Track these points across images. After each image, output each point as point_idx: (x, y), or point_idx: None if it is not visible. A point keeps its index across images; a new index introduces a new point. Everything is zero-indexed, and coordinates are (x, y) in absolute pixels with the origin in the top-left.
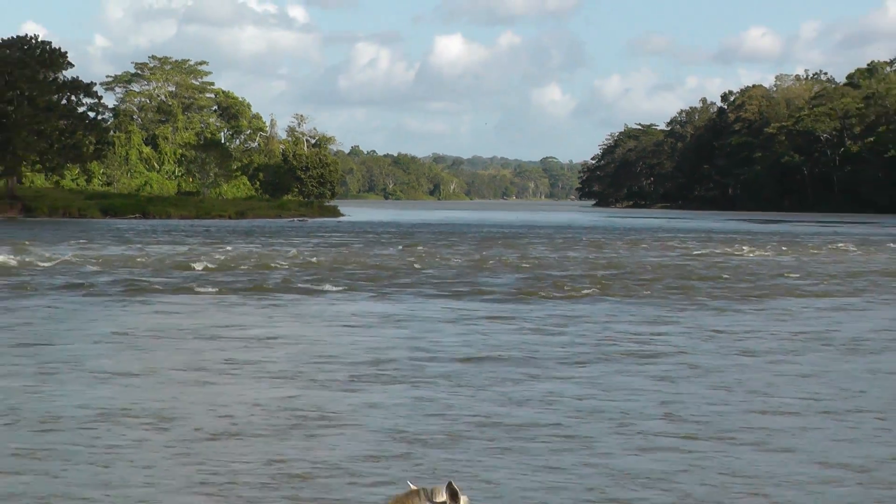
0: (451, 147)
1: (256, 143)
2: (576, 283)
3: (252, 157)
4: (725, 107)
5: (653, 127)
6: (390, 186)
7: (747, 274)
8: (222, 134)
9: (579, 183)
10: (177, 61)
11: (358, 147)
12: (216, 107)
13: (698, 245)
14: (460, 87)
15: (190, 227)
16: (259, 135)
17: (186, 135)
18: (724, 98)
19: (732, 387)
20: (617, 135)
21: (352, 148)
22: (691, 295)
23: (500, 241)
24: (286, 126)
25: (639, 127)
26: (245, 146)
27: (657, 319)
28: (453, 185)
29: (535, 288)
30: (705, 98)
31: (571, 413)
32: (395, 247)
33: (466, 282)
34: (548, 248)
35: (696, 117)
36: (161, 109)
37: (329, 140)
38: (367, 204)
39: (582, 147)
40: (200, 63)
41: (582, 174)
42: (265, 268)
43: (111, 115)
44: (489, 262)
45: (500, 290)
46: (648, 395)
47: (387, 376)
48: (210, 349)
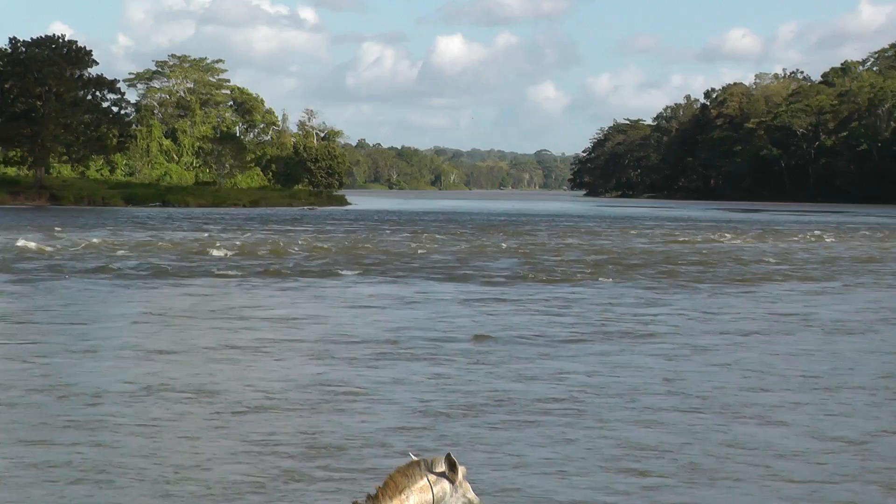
0: (451, 140)
1: (269, 137)
2: (573, 267)
3: (265, 150)
4: (708, 103)
5: (640, 122)
6: (394, 177)
7: (731, 260)
8: (237, 128)
9: (571, 174)
10: (195, 59)
11: (364, 140)
12: (232, 102)
13: (683, 233)
14: (460, 83)
15: (207, 214)
16: (272, 129)
17: (204, 128)
18: (707, 95)
19: (729, 364)
20: (606, 129)
21: (358, 141)
22: (681, 279)
23: (500, 228)
24: (297, 120)
25: (627, 122)
26: (258, 139)
27: (653, 302)
28: (453, 175)
29: (535, 272)
30: (689, 95)
31: (581, 389)
32: (401, 233)
33: (471, 266)
34: (544, 234)
35: (681, 113)
36: (180, 105)
37: (337, 133)
38: (372, 193)
39: (574, 140)
40: (217, 61)
41: (574, 166)
42: (282, 253)
43: (133, 109)
44: (491, 248)
45: (504, 274)
46: (651, 372)
47: (408, 354)
48: (240, 328)
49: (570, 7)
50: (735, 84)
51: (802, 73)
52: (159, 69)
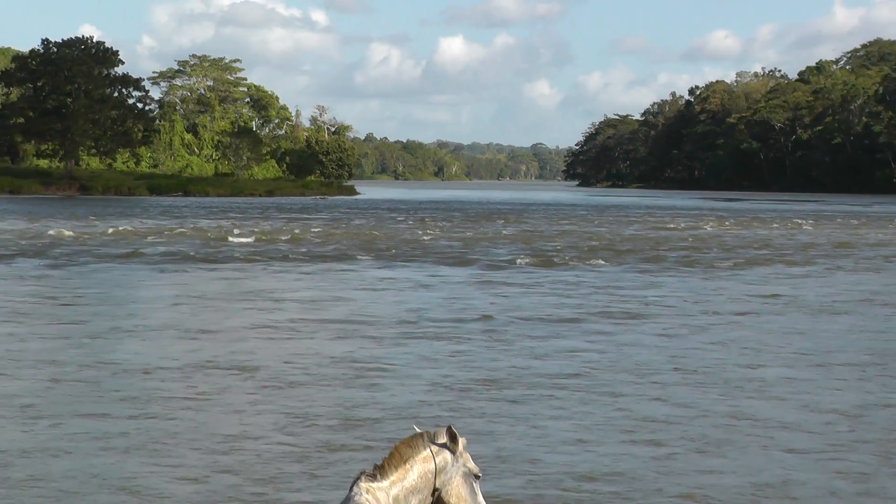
0: (453, 134)
1: (283, 131)
2: (570, 253)
3: (279, 143)
4: (692, 100)
5: (629, 117)
6: (400, 169)
7: (717, 245)
8: (254, 123)
9: (565, 166)
10: (214, 59)
11: (372, 134)
12: (248, 99)
13: (671, 220)
14: (461, 81)
15: (226, 203)
16: (286, 123)
17: (222, 123)
18: (691, 92)
19: (726, 343)
20: (598, 124)
21: (366, 135)
22: (673, 263)
23: (500, 216)
24: (309, 116)
25: (617, 117)
26: (273, 133)
27: (650, 284)
28: (455, 167)
29: (538, 257)
30: (674, 92)
31: (591, 365)
32: (408, 221)
33: (477, 252)
34: (542, 222)
35: (667, 109)
36: (200, 101)
37: (347, 128)
38: (379, 184)
39: (567, 134)
40: (235, 61)
41: (567, 158)
42: (300, 240)
43: (157, 106)
44: (494, 234)
45: (508, 258)
46: (656, 350)
47: (430, 333)
48: (271, 309)
49: (563, 10)
50: (717, 82)
51: (780, 71)
52: (181, 68)
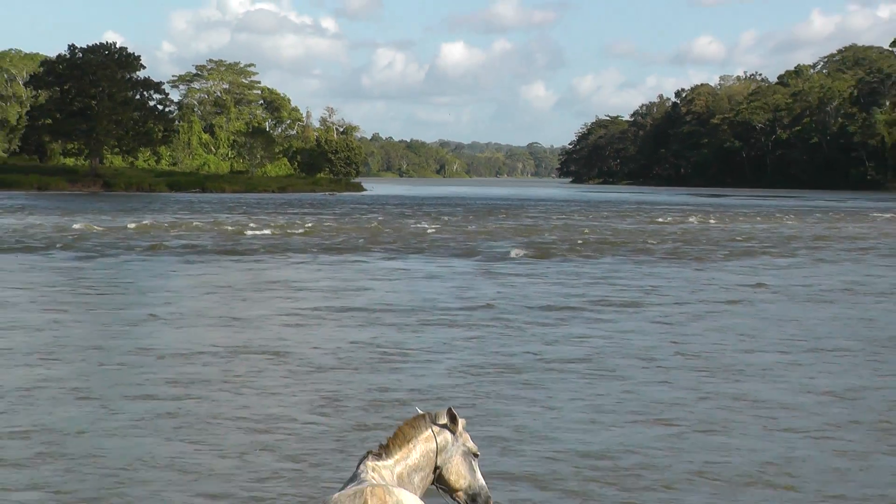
0: (454, 134)
1: (295, 131)
2: (570, 245)
3: (291, 143)
4: (678, 101)
5: (619, 118)
6: (404, 166)
7: (705, 238)
8: (267, 123)
9: (559, 164)
10: (230, 64)
11: (378, 134)
12: (262, 101)
13: (660, 214)
14: (462, 84)
15: (241, 199)
16: (297, 124)
17: (238, 124)
18: (678, 94)
19: (724, 329)
20: (590, 124)
21: (373, 134)
22: (666, 255)
23: (500, 211)
24: (319, 117)
25: (608, 118)
26: (285, 133)
27: (646, 275)
28: (456, 165)
29: (538, 250)
30: (662, 94)
31: (599, 351)
32: (414, 216)
33: (481, 244)
34: (540, 217)
35: (655, 110)
36: (217, 103)
37: (354, 128)
38: (385, 181)
39: (561, 134)
40: (249, 65)
41: (561, 156)
42: (315, 233)
43: (176, 107)
44: (495, 228)
45: (510, 251)
46: (658, 336)
47: (445, 320)
48: (296, 298)
49: (557, 17)
50: (702, 85)
51: (761, 75)
52: (199, 72)
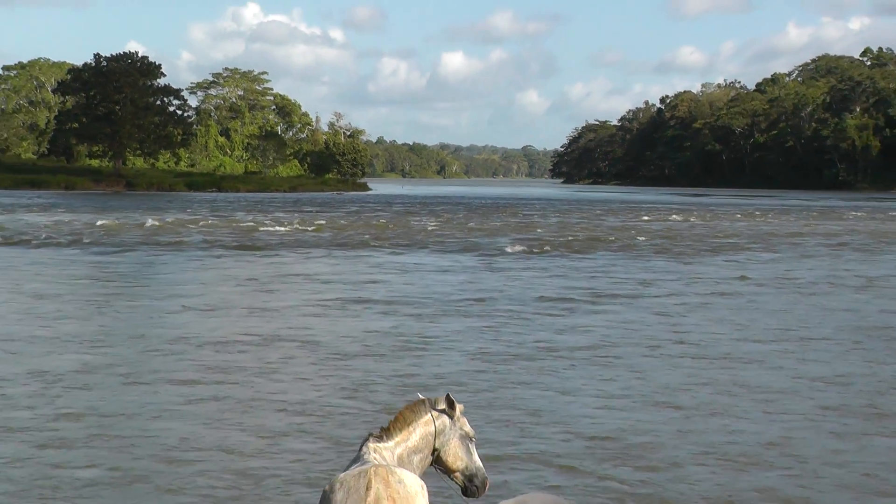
0: (453, 137)
1: (305, 135)
2: (568, 241)
3: (301, 145)
4: (663, 107)
5: (607, 122)
6: (407, 167)
7: (692, 235)
8: (279, 127)
9: (551, 165)
10: (244, 72)
11: (382, 137)
12: (274, 107)
13: (647, 213)
14: (461, 90)
15: (255, 198)
16: (307, 128)
17: (251, 128)
18: (662, 101)
19: (720, 320)
20: (580, 128)
21: (377, 138)
22: (657, 250)
23: (499, 209)
24: (328, 121)
25: (597, 122)
26: (296, 137)
27: (642, 269)
28: (455, 166)
29: (535, 246)
30: (647, 100)
31: (605, 340)
32: (418, 215)
33: (484, 241)
34: (536, 215)
35: (641, 115)
36: (232, 108)
37: (360, 132)
38: (389, 181)
39: (553, 137)
40: (262, 73)
41: (553, 158)
42: (328, 229)
43: (194, 112)
44: (496, 225)
45: (511, 247)
46: (659, 327)
47: (461, 311)
48: (319, 290)
49: (550, 29)
50: (685, 92)
51: (740, 82)
52: (215, 80)
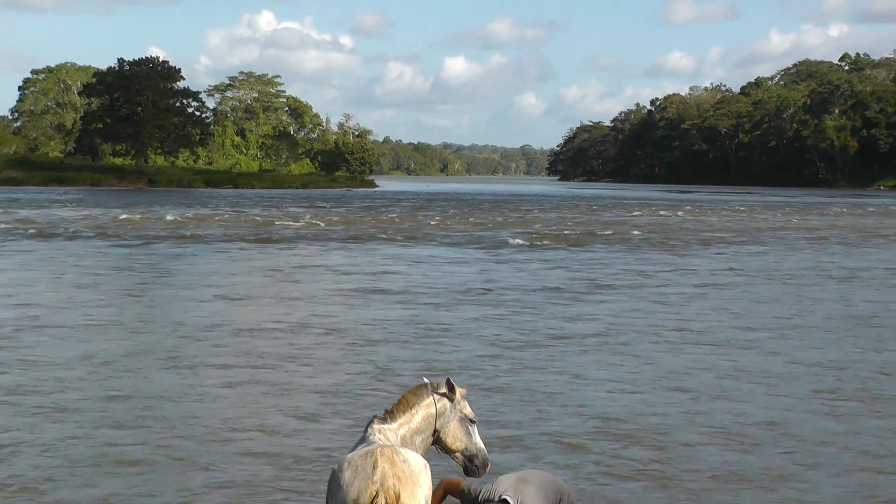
0: (455, 137)
1: (316, 135)
2: (566, 235)
3: (312, 145)
4: (653, 109)
5: (601, 123)
6: (412, 166)
7: (683, 229)
8: (291, 128)
9: (548, 163)
10: (259, 75)
11: (388, 137)
12: (287, 108)
13: (640, 209)
14: (463, 93)
15: (269, 194)
16: (318, 128)
17: (265, 128)
18: (652, 103)
19: (717, 309)
20: (575, 129)
21: (384, 138)
22: (653, 244)
23: (499, 205)
24: (337, 122)
25: (591, 123)
26: (308, 136)
27: (639, 261)
28: (457, 165)
29: (539, 239)
30: (638, 103)
31: (612, 327)
32: (424, 210)
33: (489, 235)
34: (536, 210)
35: (632, 116)
36: (247, 110)
37: (368, 132)
38: (394, 179)
39: (550, 137)
40: (276, 76)
41: (550, 157)
42: (342, 223)
43: (211, 114)
44: (498, 220)
45: (514, 240)
46: (660, 315)
47: (475, 300)
48: (340, 281)
49: (547, 35)
50: (674, 94)
51: (725, 86)
52: (231, 83)
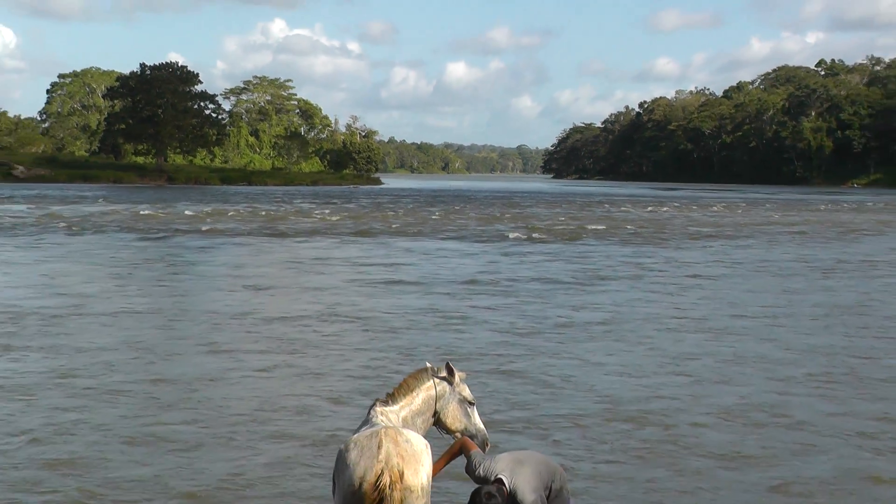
0: (456, 137)
1: (325, 135)
2: (565, 230)
3: (322, 144)
4: (641, 111)
5: (592, 125)
6: (415, 164)
7: (672, 224)
8: (302, 129)
9: (543, 162)
10: (271, 79)
11: (393, 137)
12: (298, 110)
13: (630, 205)
14: (463, 96)
15: (281, 191)
16: (327, 129)
17: (278, 129)
18: (641, 105)
19: (712, 298)
20: (568, 130)
21: (389, 138)
22: (645, 237)
23: (499, 202)
24: (345, 123)
25: (583, 125)
26: (317, 137)
27: (635, 254)
28: (458, 163)
29: (538, 233)
30: (628, 105)
31: (616, 316)
32: (428, 207)
33: (492, 230)
34: (534, 207)
35: (622, 118)
36: (261, 112)
37: (374, 133)
38: (399, 177)
39: (545, 138)
40: (287, 80)
41: (545, 156)
42: (353, 218)
43: (227, 115)
44: (499, 216)
45: (517, 235)
46: (660, 305)
47: (487, 291)
48: (359, 272)
49: (542, 42)
50: (661, 97)
51: (709, 90)
52: (246, 86)
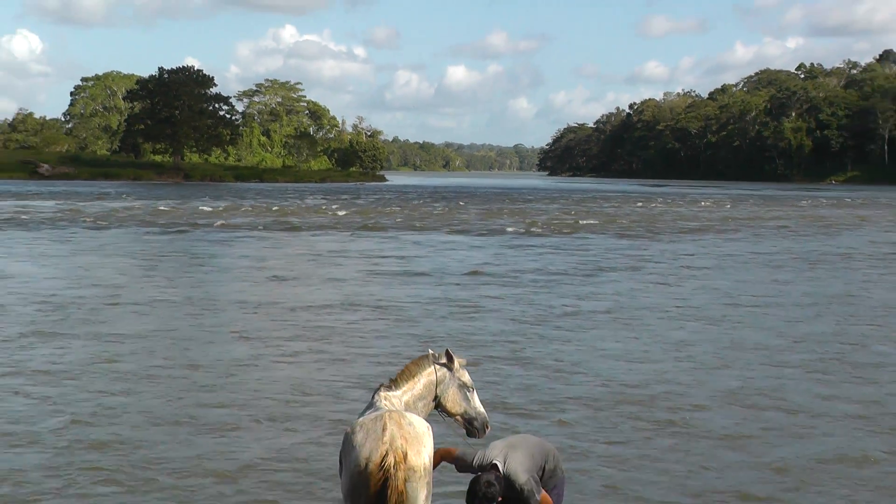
0: (456, 136)
1: (333, 135)
2: (562, 225)
3: (329, 144)
4: (631, 112)
5: (585, 125)
6: (417, 163)
7: (663, 219)
8: (311, 129)
9: (538, 160)
10: (282, 82)
11: (397, 137)
12: (307, 111)
13: (623, 200)
14: (463, 98)
15: (291, 188)
16: (334, 129)
17: (288, 129)
18: (631, 107)
19: (708, 288)
20: (562, 130)
21: (393, 137)
22: (640, 231)
23: (498, 197)
24: (352, 124)
25: (576, 125)
26: (325, 136)
27: (633, 247)
28: (458, 162)
29: (538, 228)
30: (619, 107)
31: (619, 305)
32: (432, 203)
33: (494, 224)
34: (532, 203)
35: (613, 119)
36: (272, 113)
37: (378, 132)
38: (402, 174)
39: (540, 137)
40: (297, 83)
41: (540, 155)
42: (361, 214)
43: (240, 116)
44: (499, 211)
45: (518, 229)
46: (660, 295)
47: (495, 281)
48: (375, 264)
49: (538, 46)
50: (650, 99)
51: (695, 92)
52: (258, 89)
